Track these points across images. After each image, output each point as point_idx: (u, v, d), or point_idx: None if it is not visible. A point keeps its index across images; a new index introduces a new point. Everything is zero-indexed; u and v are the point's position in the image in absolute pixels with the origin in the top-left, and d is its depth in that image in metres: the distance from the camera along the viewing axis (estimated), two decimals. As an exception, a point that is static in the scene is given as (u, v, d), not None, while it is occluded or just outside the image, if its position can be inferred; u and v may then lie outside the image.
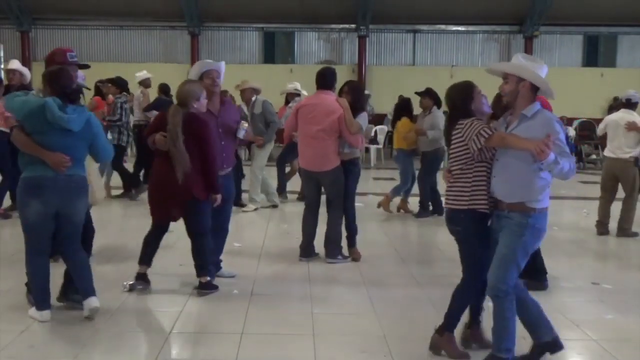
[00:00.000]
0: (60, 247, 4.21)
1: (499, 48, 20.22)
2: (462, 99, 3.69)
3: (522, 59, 3.49)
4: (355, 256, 5.93)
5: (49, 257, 4.20)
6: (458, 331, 3.81)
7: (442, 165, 8.52)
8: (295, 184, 9.03)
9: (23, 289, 4.43)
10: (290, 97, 9.69)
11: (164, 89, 10.23)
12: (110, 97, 9.09)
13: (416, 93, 8.36)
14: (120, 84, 9.24)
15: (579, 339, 4.15)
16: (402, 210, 8.48)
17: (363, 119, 5.78)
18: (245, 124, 5.20)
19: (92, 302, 4.11)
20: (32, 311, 4.16)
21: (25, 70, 7.55)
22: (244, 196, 8.58)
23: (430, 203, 8.27)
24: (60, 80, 3.98)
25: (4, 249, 6.07)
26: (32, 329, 4.01)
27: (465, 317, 3.83)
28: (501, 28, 20.04)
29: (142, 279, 4.80)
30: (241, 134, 5.13)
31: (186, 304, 4.57)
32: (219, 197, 4.72)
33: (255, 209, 8.38)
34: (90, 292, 4.15)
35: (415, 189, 8.35)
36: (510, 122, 3.53)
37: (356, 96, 5.86)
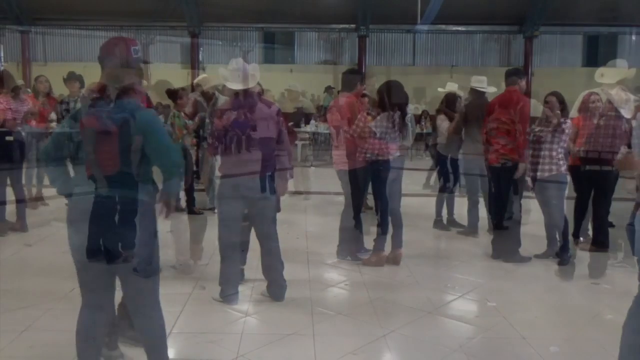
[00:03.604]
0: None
1: (498, 48, 20.24)
2: None
3: None
4: (373, 259, 5.74)
5: (105, 315, 3.06)
6: None
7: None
8: None
9: (21, 289, 4.41)
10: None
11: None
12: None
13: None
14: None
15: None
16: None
17: (378, 120, 5.53)
18: None
19: None
20: None
21: None
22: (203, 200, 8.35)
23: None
24: None
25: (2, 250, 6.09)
26: (32, 329, 4.01)
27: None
28: (501, 28, 20.07)
29: None
30: None
31: (186, 304, 4.57)
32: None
33: None
34: None
35: None
36: None
37: (378, 97, 5.72)
